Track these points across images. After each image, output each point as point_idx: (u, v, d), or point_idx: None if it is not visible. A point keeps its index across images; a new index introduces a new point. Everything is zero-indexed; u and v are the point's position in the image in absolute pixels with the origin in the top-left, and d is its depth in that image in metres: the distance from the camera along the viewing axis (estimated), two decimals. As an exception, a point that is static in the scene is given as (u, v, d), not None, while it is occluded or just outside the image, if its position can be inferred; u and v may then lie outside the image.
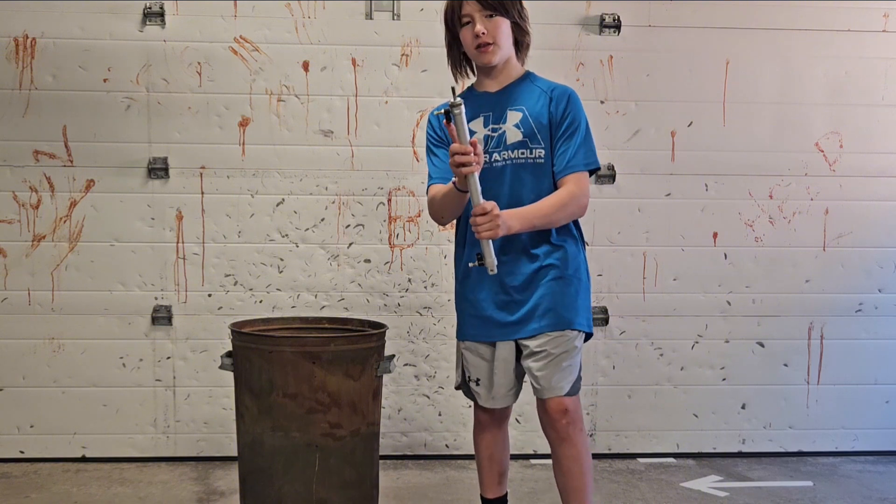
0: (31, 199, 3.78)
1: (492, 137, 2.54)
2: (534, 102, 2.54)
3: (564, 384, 2.54)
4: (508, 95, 2.57)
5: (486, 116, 2.56)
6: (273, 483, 2.79)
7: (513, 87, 2.58)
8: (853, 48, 3.98)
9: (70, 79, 3.75)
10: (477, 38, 2.48)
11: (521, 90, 2.58)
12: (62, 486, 3.55)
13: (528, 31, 2.61)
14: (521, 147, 2.52)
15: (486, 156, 2.50)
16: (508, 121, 2.53)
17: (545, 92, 2.55)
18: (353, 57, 3.82)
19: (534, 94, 2.56)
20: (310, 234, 3.87)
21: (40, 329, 3.81)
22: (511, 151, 2.52)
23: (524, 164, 2.51)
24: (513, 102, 2.55)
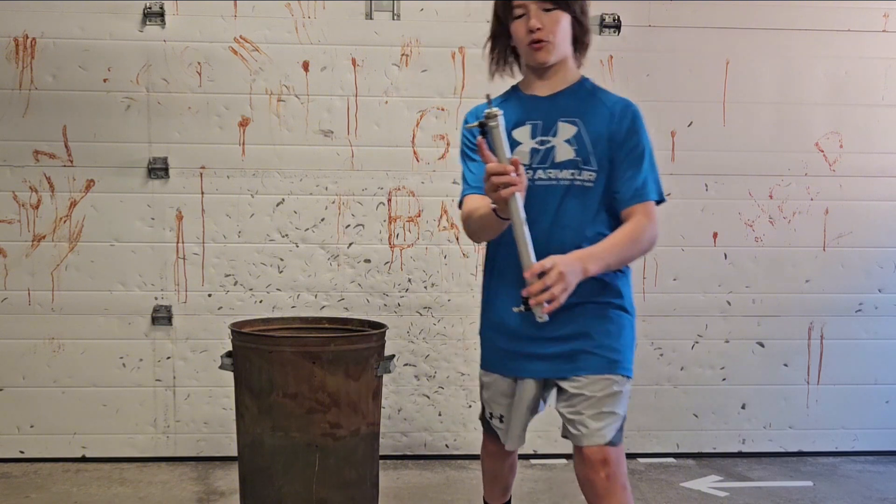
0: (31, 199, 3.78)
1: (538, 151, 2.18)
2: (591, 116, 2.18)
3: (606, 431, 2.15)
4: (562, 104, 2.20)
5: (533, 126, 2.20)
6: (273, 483, 2.79)
7: (568, 94, 2.22)
8: (853, 48, 3.98)
9: (70, 79, 3.75)
10: (531, 34, 2.15)
11: (577, 99, 2.21)
12: (62, 486, 3.55)
13: (590, 30, 2.26)
14: (572, 167, 2.16)
15: (529, 172, 2.14)
16: (560, 134, 2.17)
17: (605, 105, 2.20)
18: (353, 57, 3.82)
19: (592, 107, 2.20)
20: (310, 234, 3.87)
21: (40, 329, 3.81)
22: (559, 171, 2.17)
23: (570, 188, 2.16)
24: (567, 113, 2.19)
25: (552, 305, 1.94)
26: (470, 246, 3.90)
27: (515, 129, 2.19)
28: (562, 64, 2.22)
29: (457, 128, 3.85)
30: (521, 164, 1.95)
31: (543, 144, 2.17)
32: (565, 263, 1.96)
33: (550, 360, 2.20)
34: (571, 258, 2.00)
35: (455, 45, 3.83)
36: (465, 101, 3.84)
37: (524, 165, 2.06)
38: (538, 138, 2.18)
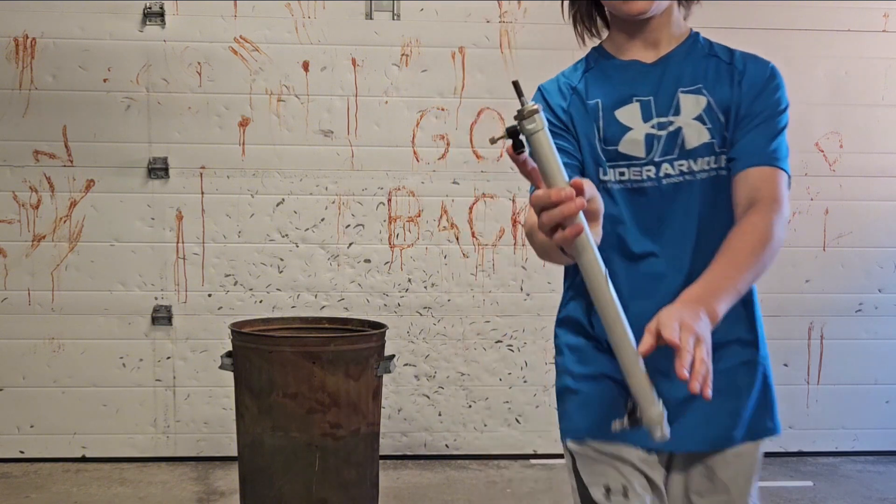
0: (31, 199, 3.78)
1: (657, 138, 1.54)
2: (718, 82, 1.56)
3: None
4: (676, 68, 1.57)
5: (643, 103, 1.55)
6: (273, 483, 2.79)
7: (679, 54, 1.60)
8: (853, 48, 3.98)
9: (70, 79, 3.75)
10: None
11: (694, 61, 1.59)
12: (62, 486, 3.55)
13: None
14: (708, 153, 1.53)
15: (651, 168, 1.53)
16: (684, 111, 1.54)
17: (728, 64, 1.59)
18: (353, 57, 3.82)
19: (713, 67, 1.59)
20: (310, 234, 3.87)
21: (40, 329, 3.81)
22: (693, 161, 1.53)
23: (713, 181, 1.53)
24: (686, 80, 1.56)
25: (705, 380, 1.19)
26: (470, 246, 3.90)
27: (619, 109, 1.56)
28: (666, 15, 1.60)
29: (457, 128, 3.85)
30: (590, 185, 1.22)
31: (664, 127, 1.54)
32: (681, 314, 1.24)
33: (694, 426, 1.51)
34: (686, 304, 1.29)
35: (455, 45, 3.83)
36: (465, 101, 3.84)
37: (637, 158, 1.53)
38: (655, 120, 1.54)
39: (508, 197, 3.88)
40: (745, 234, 1.44)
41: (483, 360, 3.94)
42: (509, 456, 3.97)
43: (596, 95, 1.58)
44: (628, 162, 1.54)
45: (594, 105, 1.57)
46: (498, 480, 3.70)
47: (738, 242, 1.43)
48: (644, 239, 1.54)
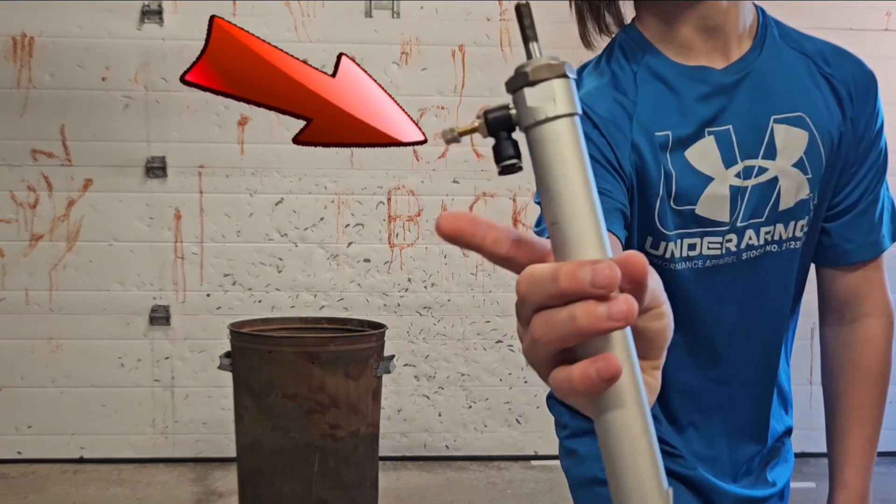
0: (29, 199, 3.77)
1: (742, 191, 1.06)
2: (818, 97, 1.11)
3: None
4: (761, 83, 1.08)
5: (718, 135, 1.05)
6: (272, 484, 2.78)
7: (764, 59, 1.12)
8: (855, 47, 3.94)
9: (68, 77, 3.74)
10: None
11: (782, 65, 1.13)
12: (60, 487, 3.54)
13: None
14: (804, 214, 1.09)
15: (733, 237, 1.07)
16: (781, 151, 1.07)
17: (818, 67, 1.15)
18: (352, 55, 3.80)
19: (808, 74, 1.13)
20: (309, 234, 3.86)
21: (38, 329, 3.79)
22: (784, 226, 1.09)
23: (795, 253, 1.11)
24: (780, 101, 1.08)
25: None
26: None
27: (690, 147, 1.04)
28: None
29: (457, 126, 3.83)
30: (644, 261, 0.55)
31: (751, 176, 1.06)
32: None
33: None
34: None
35: (455, 43, 3.82)
36: (465, 100, 3.82)
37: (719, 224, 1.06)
38: (741, 165, 1.06)
39: (509, 196, 3.87)
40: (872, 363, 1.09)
41: (483, 360, 3.93)
42: (510, 457, 3.96)
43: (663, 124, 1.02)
44: (704, 229, 1.05)
45: (664, 139, 1.02)
46: (498, 482, 3.69)
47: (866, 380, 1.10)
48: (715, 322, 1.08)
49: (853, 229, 1.10)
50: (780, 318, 1.13)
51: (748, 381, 1.17)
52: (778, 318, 1.13)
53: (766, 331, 1.13)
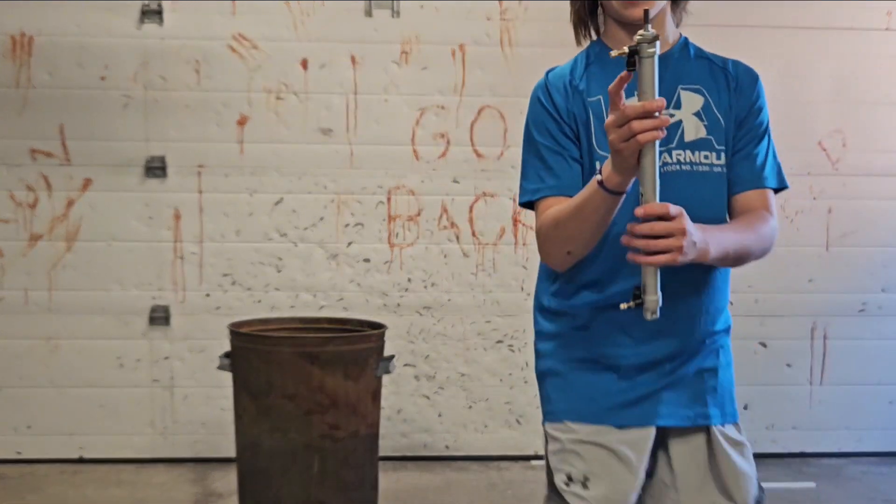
0: (28, 199, 3.76)
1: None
2: (713, 83, 1.70)
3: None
4: (675, 68, 1.68)
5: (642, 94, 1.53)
6: (271, 485, 2.77)
7: (674, 56, 1.70)
8: (856, 46, 3.96)
9: (67, 77, 3.73)
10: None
11: (690, 62, 1.71)
12: (59, 488, 3.53)
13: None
14: (704, 148, 1.64)
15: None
16: (685, 106, 1.66)
17: (721, 68, 1.72)
18: (352, 54, 3.80)
19: (708, 70, 1.71)
20: (308, 234, 3.85)
21: (37, 329, 3.78)
22: (692, 153, 1.64)
23: (706, 175, 1.64)
24: (684, 78, 1.68)
25: (662, 259, 1.43)
26: (470, 245, 3.87)
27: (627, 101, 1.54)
28: (661, 18, 1.67)
29: (457, 126, 3.83)
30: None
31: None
32: (692, 225, 1.44)
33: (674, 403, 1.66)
34: (699, 227, 1.47)
35: (455, 42, 3.81)
36: (465, 99, 3.81)
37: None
38: None
39: (509, 196, 3.85)
40: (749, 220, 1.64)
41: (483, 360, 3.91)
42: (510, 457, 3.95)
43: (598, 92, 1.65)
44: None
45: (596, 102, 1.66)
46: (498, 482, 3.68)
47: (743, 222, 1.64)
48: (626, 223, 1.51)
49: (740, 169, 1.67)
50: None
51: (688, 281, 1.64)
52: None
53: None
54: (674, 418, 1.66)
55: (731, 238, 1.58)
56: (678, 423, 1.67)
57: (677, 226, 1.41)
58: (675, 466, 1.69)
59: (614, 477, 1.63)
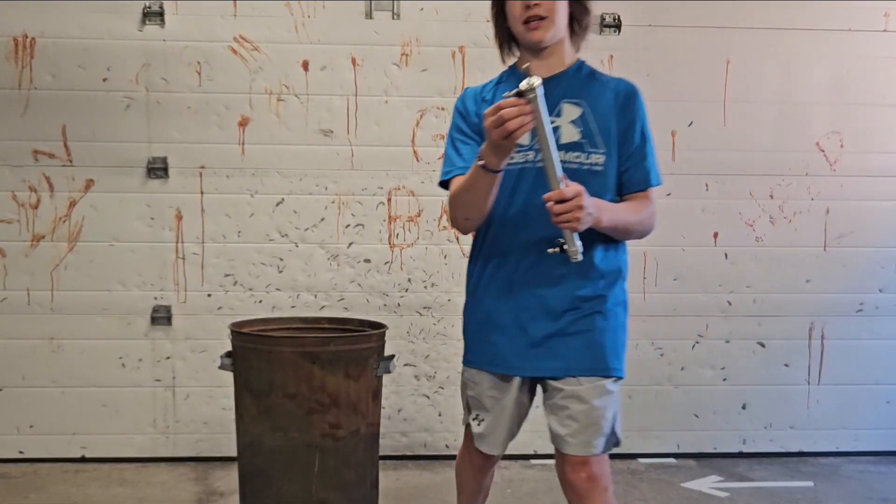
0: (31, 199, 3.78)
1: None
2: (595, 98, 2.11)
3: (596, 442, 2.10)
4: (564, 85, 2.11)
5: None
6: (272, 484, 2.78)
7: (567, 76, 2.13)
8: (854, 47, 3.97)
9: (69, 78, 3.74)
10: (527, 10, 2.06)
11: (577, 81, 2.14)
12: (61, 487, 3.55)
13: (589, 12, 2.17)
14: (576, 150, 2.08)
15: (531, 153, 2.08)
16: (564, 115, 2.09)
17: (608, 87, 2.14)
18: (352, 56, 3.81)
19: (595, 89, 2.13)
20: (309, 234, 3.86)
21: (39, 329, 3.80)
22: (565, 153, 2.07)
23: (577, 171, 2.05)
24: (570, 94, 2.11)
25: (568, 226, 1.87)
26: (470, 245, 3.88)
27: None
28: (559, 45, 2.13)
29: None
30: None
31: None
32: (589, 200, 1.88)
33: (543, 358, 2.12)
34: (593, 201, 1.90)
35: (455, 44, 3.83)
36: (465, 101, 3.83)
37: (525, 146, 2.07)
38: None
39: (508, 197, 3.87)
40: (635, 204, 2.13)
41: (483, 360, 3.93)
42: (509, 456, 3.96)
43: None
44: (518, 148, 2.04)
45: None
46: (498, 481, 3.69)
47: (629, 205, 2.12)
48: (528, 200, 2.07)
49: (631, 175, 2.14)
50: None
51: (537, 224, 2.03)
52: None
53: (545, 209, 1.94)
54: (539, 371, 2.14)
55: (621, 215, 2.05)
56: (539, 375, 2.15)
57: (574, 204, 1.85)
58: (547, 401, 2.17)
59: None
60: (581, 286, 2.09)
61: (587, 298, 2.10)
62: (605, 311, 2.11)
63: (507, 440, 2.26)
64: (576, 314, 2.10)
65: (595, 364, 2.09)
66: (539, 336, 2.11)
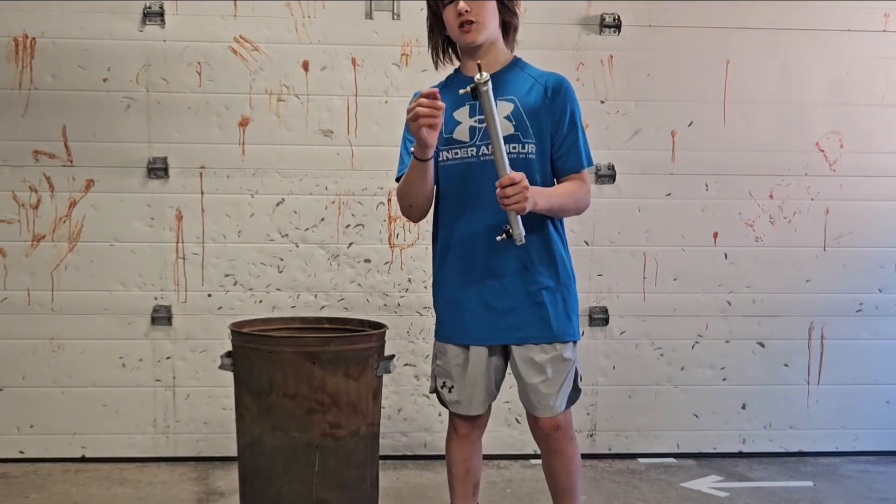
0: (31, 199, 3.78)
1: (478, 129, 2.36)
2: (525, 93, 2.36)
3: (559, 403, 2.44)
4: (497, 83, 2.32)
5: (472, 105, 2.36)
6: (273, 483, 2.79)
7: (501, 74, 2.39)
8: (853, 48, 3.98)
9: (70, 78, 3.75)
10: (460, 16, 2.32)
11: (510, 78, 2.39)
12: (62, 487, 3.55)
13: (517, 13, 2.44)
14: (513, 141, 2.33)
15: (473, 149, 2.36)
16: (499, 110, 2.32)
17: (538, 82, 2.38)
18: (353, 56, 3.82)
19: (526, 84, 2.38)
20: (310, 234, 3.87)
21: (40, 329, 3.80)
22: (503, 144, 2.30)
23: (514, 161, 2.30)
24: (502, 92, 2.35)
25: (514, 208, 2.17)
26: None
27: (456, 111, 2.39)
28: (492, 46, 2.40)
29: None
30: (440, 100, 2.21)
31: (483, 122, 2.30)
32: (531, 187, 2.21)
33: (504, 329, 2.41)
34: (535, 189, 2.24)
35: (455, 44, 3.82)
36: (465, 101, 3.83)
37: (465, 142, 2.37)
38: (477, 117, 2.35)
39: (508, 197, 3.87)
40: (567, 187, 2.39)
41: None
42: (509, 456, 3.97)
43: (447, 100, 2.28)
44: (459, 145, 2.38)
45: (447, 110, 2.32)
46: (498, 480, 3.70)
47: (562, 187, 2.38)
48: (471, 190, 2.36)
49: (564, 160, 2.39)
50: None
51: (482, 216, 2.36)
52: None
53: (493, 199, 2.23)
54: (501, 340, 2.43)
55: (555, 199, 2.31)
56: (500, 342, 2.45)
57: (522, 186, 2.15)
58: (514, 367, 2.46)
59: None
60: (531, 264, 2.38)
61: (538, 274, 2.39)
62: (557, 289, 2.40)
63: (486, 400, 2.51)
64: (530, 289, 2.38)
65: (546, 332, 2.38)
66: (500, 309, 2.39)
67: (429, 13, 2.49)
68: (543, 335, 2.39)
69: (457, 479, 2.62)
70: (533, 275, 2.38)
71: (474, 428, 2.58)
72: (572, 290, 2.45)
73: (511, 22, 2.43)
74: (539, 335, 2.39)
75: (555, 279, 2.40)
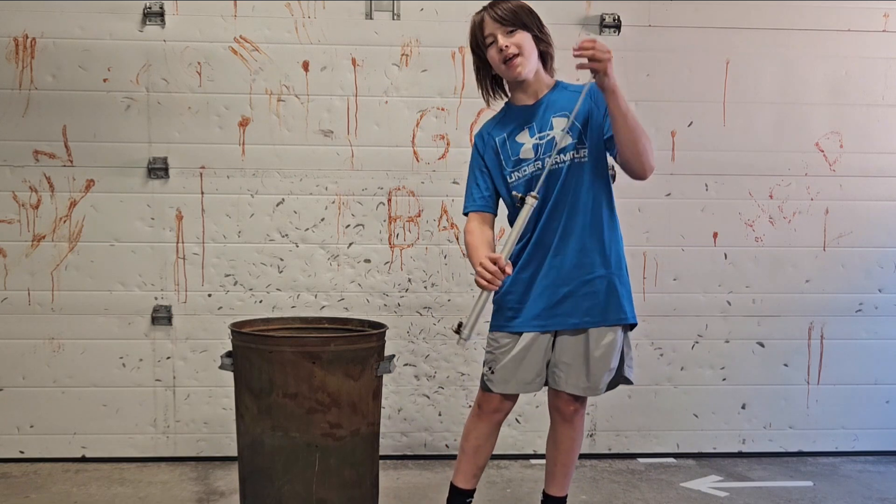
0: (31, 199, 3.78)
1: (540, 145, 2.63)
2: (574, 105, 2.58)
3: (602, 385, 2.69)
4: (548, 104, 2.65)
5: (530, 127, 2.66)
6: (273, 483, 2.79)
7: (550, 96, 2.67)
8: (853, 48, 3.98)
9: (70, 79, 3.75)
10: (502, 52, 2.56)
11: (558, 97, 2.66)
12: (62, 487, 3.55)
13: (551, 43, 2.68)
14: (570, 150, 2.62)
15: (539, 162, 2.62)
16: (555, 127, 2.62)
17: (579, 92, 2.60)
18: (353, 57, 3.82)
19: (573, 99, 2.60)
20: (310, 234, 3.87)
21: (40, 329, 3.81)
22: (562, 155, 2.61)
23: (576, 165, 2.61)
24: (555, 109, 2.64)
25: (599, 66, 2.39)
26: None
27: (518, 135, 2.67)
28: (536, 75, 2.66)
29: (457, 128, 3.86)
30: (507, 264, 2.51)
31: (543, 138, 2.62)
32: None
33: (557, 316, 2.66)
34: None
35: (455, 44, 3.83)
36: (465, 101, 3.84)
37: (530, 159, 2.64)
38: (537, 135, 2.64)
39: (508, 197, 3.88)
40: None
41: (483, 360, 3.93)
42: (509, 456, 3.97)
43: (501, 133, 2.70)
44: (526, 163, 2.65)
45: (502, 139, 2.69)
46: (498, 480, 3.70)
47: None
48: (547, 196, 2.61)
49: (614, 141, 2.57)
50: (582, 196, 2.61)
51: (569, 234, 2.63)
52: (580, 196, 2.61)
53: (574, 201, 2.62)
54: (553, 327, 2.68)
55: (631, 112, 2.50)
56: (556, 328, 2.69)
57: (601, 46, 2.40)
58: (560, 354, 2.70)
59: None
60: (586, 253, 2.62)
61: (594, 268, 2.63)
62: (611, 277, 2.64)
63: (522, 383, 2.71)
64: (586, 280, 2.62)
65: (597, 317, 2.62)
66: (555, 300, 2.63)
67: (474, 57, 2.71)
68: (598, 320, 2.63)
69: (465, 454, 2.81)
70: (587, 264, 2.62)
71: (496, 411, 2.75)
72: (626, 276, 2.68)
73: (548, 52, 2.68)
74: (592, 320, 2.63)
75: (605, 269, 2.63)
